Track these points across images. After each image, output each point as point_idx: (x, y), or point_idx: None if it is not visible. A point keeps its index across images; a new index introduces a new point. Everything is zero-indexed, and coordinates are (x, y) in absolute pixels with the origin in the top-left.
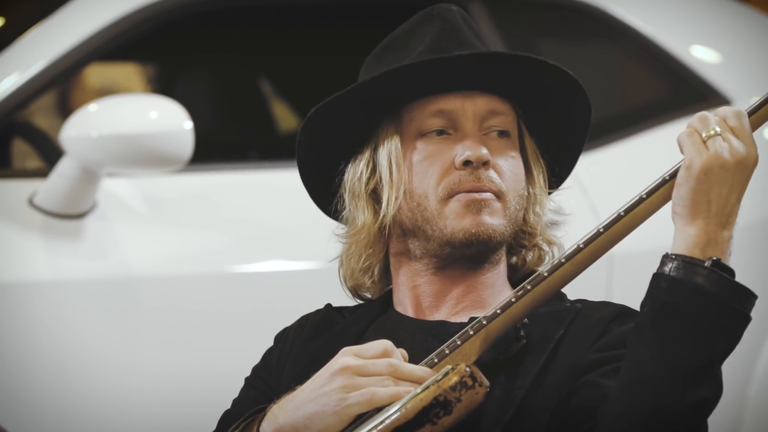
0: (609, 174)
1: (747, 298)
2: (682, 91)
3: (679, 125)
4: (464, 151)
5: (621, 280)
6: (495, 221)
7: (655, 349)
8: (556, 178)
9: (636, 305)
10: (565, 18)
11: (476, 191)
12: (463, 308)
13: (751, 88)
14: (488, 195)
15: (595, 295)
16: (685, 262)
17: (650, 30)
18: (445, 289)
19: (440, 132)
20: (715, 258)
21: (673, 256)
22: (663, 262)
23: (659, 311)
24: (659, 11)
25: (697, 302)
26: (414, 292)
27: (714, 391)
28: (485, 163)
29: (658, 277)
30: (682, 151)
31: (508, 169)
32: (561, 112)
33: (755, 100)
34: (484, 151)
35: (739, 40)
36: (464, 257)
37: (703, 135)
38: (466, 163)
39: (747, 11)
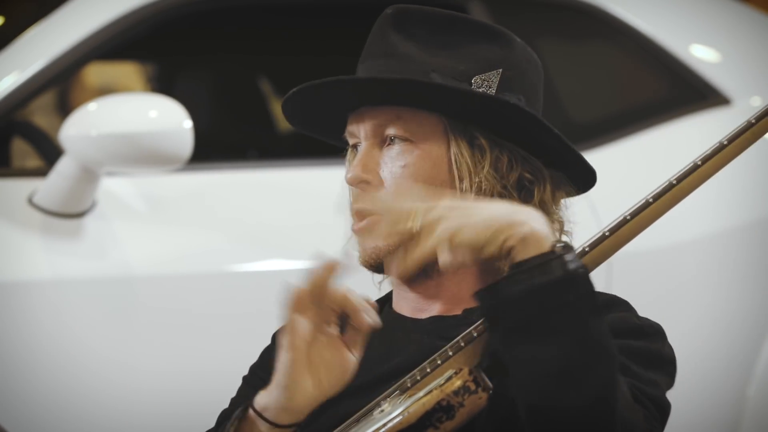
0: (608, 173)
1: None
2: (681, 91)
3: (679, 124)
4: (347, 172)
5: (620, 280)
6: (378, 242)
7: (511, 360)
8: (577, 181)
9: (635, 305)
10: (565, 17)
11: (358, 211)
12: (449, 307)
13: (751, 88)
14: (364, 223)
15: None
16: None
17: (650, 29)
18: (419, 296)
19: (356, 146)
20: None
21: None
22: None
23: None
24: (659, 10)
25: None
26: (401, 296)
27: (593, 395)
28: (364, 182)
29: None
30: None
31: (393, 180)
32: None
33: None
34: (355, 173)
35: (739, 40)
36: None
37: None
38: (350, 183)
39: (747, 11)
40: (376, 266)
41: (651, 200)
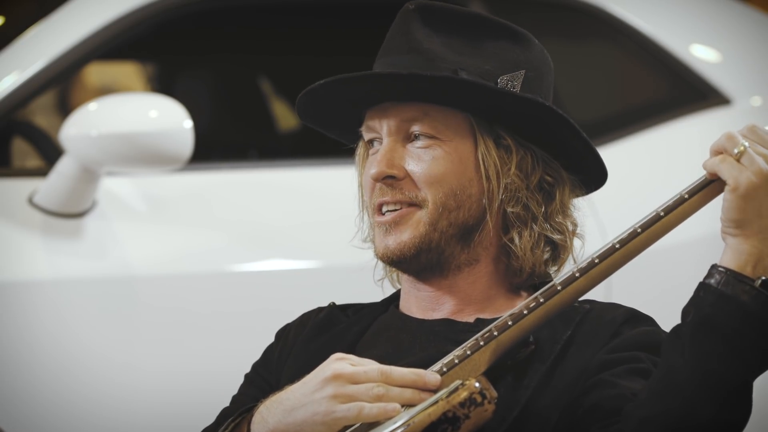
0: (609, 173)
1: None
2: (681, 90)
3: (679, 124)
4: (371, 168)
5: (621, 280)
6: (405, 236)
7: (689, 360)
8: (588, 183)
9: (636, 305)
10: (565, 17)
11: (386, 204)
12: (460, 309)
13: (751, 88)
14: (393, 215)
15: (595, 295)
16: (734, 278)
17: (650, 29)
18: (431, 294)
19: (372, 142)
20: (765, 278)
21: (722, 269)
22: (710, 273)
23: (701, 323)
24: (659, 10)
25: (740, 321)
26: (411, 294)
27: (745, 412)
28: (390, 177)
29: (705, 288)
30: (716, 175)
31: (423, 173)
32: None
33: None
34: (380, 168)
35: (739, 40)
36: (409, 271)
37: (735, 152)
38: (375, 178)
39: (747, 11)
40: (398, 261)
41: (662, 214)
